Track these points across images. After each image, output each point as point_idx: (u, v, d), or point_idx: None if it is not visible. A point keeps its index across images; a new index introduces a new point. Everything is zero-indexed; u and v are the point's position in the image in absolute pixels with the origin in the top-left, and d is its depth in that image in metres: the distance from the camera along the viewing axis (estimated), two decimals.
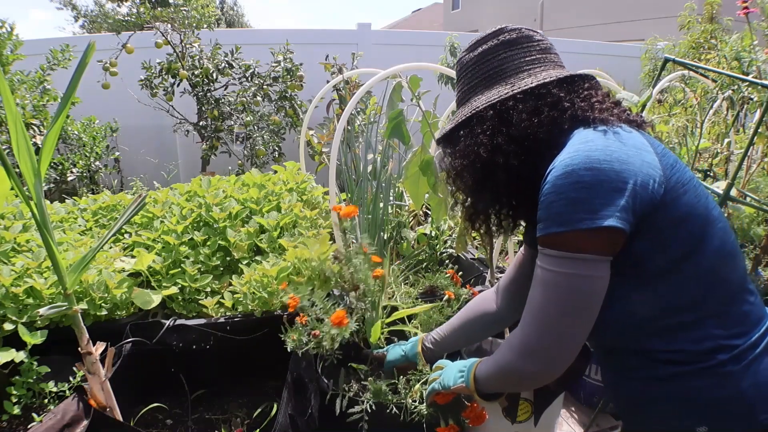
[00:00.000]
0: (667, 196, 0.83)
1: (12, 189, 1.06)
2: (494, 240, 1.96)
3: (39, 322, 1.46)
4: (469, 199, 1.06)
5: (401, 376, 1.45)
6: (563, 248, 0.83)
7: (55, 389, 1.36)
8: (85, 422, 1.09)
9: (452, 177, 1.07)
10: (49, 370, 1.37)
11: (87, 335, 1.10)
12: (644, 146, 0.86)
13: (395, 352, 1.40)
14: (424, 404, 1.26)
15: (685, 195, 0.85)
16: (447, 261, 2.29)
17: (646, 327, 0.89)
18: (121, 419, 1.18)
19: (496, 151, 0.94)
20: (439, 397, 1.21)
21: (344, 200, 2.59)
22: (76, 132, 3.54)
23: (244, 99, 3.75)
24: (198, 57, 3.64)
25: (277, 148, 3.90)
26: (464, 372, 1.10)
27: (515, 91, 0.94)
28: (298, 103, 3.95)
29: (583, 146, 0.84)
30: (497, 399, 1.13)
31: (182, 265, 1.72)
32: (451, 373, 1.13)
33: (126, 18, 3.59)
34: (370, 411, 1.30)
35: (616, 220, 0.79)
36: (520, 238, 2.51)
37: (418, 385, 1.35)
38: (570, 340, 0.87)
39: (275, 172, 2.29)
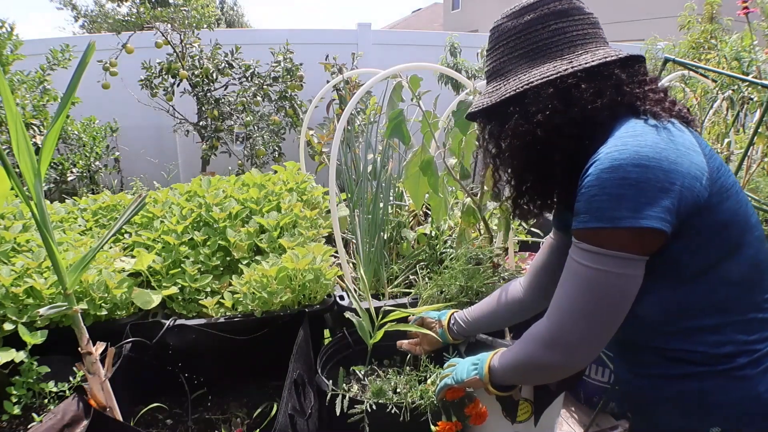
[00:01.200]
0: (711, 200, 0.81)
1: (12, 189, 1.06)
2: (493, 237, 1.96)
3: (39, 322, 1.46)
4: (515, 178, 1.00)
5: (406, 368, 1.45)
6: (601, 244, 0.81)
7: (55, 389, 1.36)
8: (85, 422, 1.09)
9: (495, 155, 1.02)
10: (49, 370, 1.37)
11: (87, 335, 1.10)
12: (693, 146, 0.82)
13: (431, 313, 1.45)
14: (435, 399, 1.27)
15: (728, 200, 0.83)
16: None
17: (669, 326, 0.88)
18: (121, 419, 1.18)
19: (555, 132, 0.88)
20: (450, 393, 1.21)
21: (344, 200, 2.59)
22: (76, 132, 3.54)
23: (244, 99, 3.75)
24: (198, 57, 3.64)
25: (277, 148, 3.90)
26: (478, 365, 1.10)
27: (576, 68, 0.87)
28: (298, 103, 3.95)
29: (632, 140, 0.80)
30: (511, 391, 1.12)
31: (182, 265, 1.72)
32: (464, 367, 1.13)
33: (126, 18, 3.59)
34: (370, 411, 1.30)
35: (659, 221, 0.77)
36: (521, 237, 2.51)
37: (430, 381, 1.36)
38: (597, 337, 0.86)
39: (275, 172, 2.28)
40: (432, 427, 1.26)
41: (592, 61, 0.87)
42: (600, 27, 0.94)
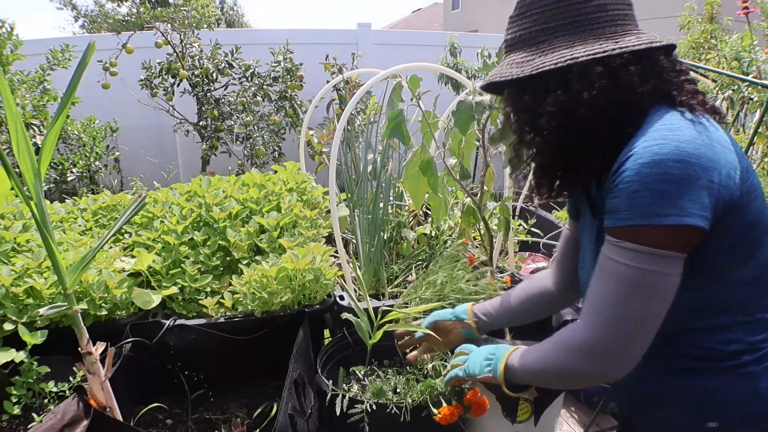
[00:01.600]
0: (742, 199, 0.80)
1: (12, 189, 1.06)
2: (494, 239, 1.96)
3: (39, 322, 1.46)
4: (547, 156, 0.94)
5: (407, 367, 1.45)
6: (643, 242, 0.77)
7: (55, 389, 1.36)
8: (85, 422, 1.09)
9: (526, 131, 0.95)
10: (49, 370, 1.37)
11: (87, 335, 1.10)
12: (727, 144, 0.81)
13: (443, 312, 1.35)
14: (444, 388, 1.25)
15: (756, 200, 0.82)
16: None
17: (689, 323, 0.87)
18: (121, 419, 1.18)
19: (601, 113, 0.84)
20: (459, 381, 1.20)
21: (344, 200, 2.59)
22: (76, 132, 3.54)
23: (244, 99, 3.75)
24: (198, 57, 3.64)
25: (277, 148, 3.91)
26: (492, 361, 1.04)
27: (623, 50, 0.83)
28: (298, 103, 3.95)
29: (671, 134, 0.77)
30: (525, 391, 1.09)
31: (182, 265, 1.72)
32: (477, 360, 1.07)
33: (126, 18, 3.59)
34: (370, 411, 1.30)
35: (701, 219, 0.75)
36: (521, 237, 2.51)
37: (431, 366, 1.34)
38: (638, 342, 0.81)
39: (275, 172, 2.29)
40: (434, 410, 1.26)
41: (639, 44, 0.84)
42: (634, 9, 0.91)
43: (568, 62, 0.85)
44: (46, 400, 1.37)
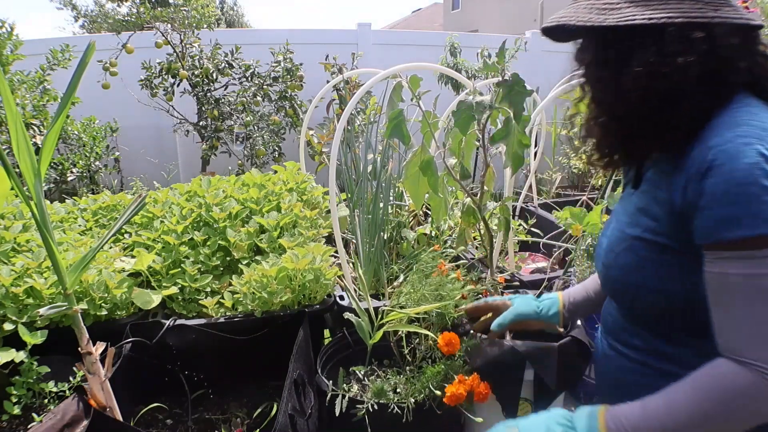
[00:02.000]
0: None
1: (12, 189, 1.06)
2: (493, 241, 1.96)
3: (39, 322, 1.46)
4: (615, 118, 0.86)
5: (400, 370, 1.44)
6: None
7: (55, 389, 1.36)
8: (85, 422, 1.09)
9: (601, 87, 0.86)
10: (49, 370, 1.37)
11: (87, 335, 1.10)
12: None
13: (527, 304, 1.19)
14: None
15: None
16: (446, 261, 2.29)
17: (701, 320, 0.84)
18: (121, 419, 1.18)
19: (694, 82, 0.77)
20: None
21: (344, 200, 2.59)
22: (76, 132, 3.54)
23: (244, 99, 3.75)
24: (198, 57, 3.65)
25: (277, 148, 3.91)
26: None
27: (724, 20, 0.76)
28: (298, 103, 3.95)
29: (766, 134, 0.72)
30: None
31: (182, 265, 1.72)
32: None
33: (126, 18, 3.59)
34: (371, 411, 1.30)
35: None
36: (521, 237, 2.51)
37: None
38: None
39: (275, 172, 2.29)
40: (437, 392, 1.25)
41: (740, 17, 0.77)
42: None
43: (664, 21, 0.75)
44: (46, 400, 1.37)
